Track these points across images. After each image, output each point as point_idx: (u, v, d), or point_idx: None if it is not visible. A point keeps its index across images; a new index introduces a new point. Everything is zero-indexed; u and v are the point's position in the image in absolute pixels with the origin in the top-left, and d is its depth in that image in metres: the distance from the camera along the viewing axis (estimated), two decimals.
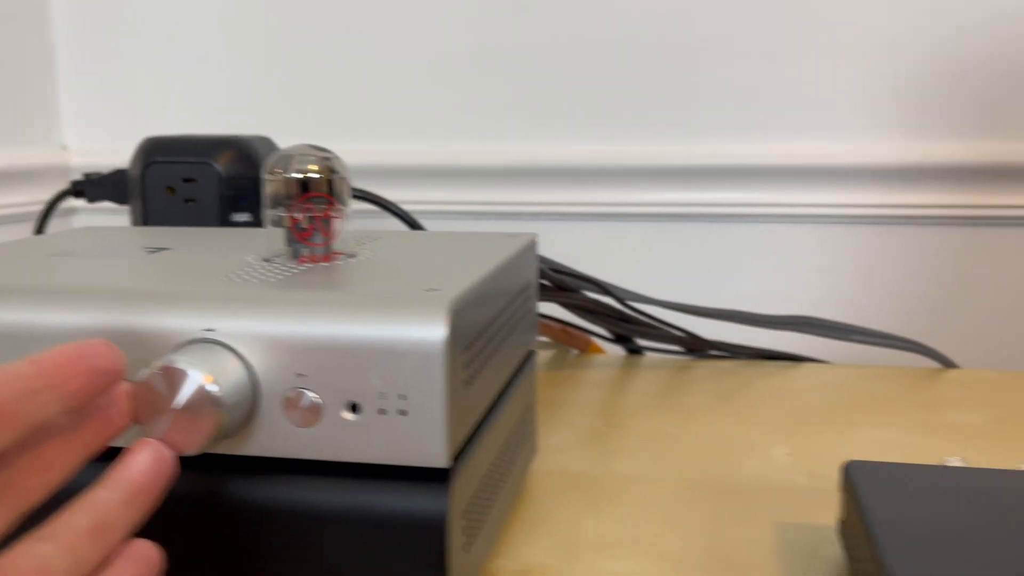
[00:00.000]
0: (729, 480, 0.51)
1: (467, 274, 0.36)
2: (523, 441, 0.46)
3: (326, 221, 0.39)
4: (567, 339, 0.80)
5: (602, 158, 0.90)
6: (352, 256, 0.41)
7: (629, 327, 0.76)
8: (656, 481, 0.51)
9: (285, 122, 0.96)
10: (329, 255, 0.40)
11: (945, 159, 0.84)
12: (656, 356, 0.81)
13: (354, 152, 0.61)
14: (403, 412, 0.30)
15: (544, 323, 0.78)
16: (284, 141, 0.59)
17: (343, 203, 0.40)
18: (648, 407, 0.65)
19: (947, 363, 0.75)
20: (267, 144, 0.70)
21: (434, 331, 0.29)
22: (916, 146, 0.84)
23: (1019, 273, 0.86)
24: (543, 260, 0.69)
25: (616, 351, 0.83)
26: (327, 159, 0.39)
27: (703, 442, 0.57)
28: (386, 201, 0.71)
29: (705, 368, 0.75)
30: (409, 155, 0.94)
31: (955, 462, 0.45)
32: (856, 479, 0.38)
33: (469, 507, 0.34)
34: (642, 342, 0.81)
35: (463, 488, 0.32)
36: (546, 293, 0.71)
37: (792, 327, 0.75)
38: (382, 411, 0.30)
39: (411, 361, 0.29)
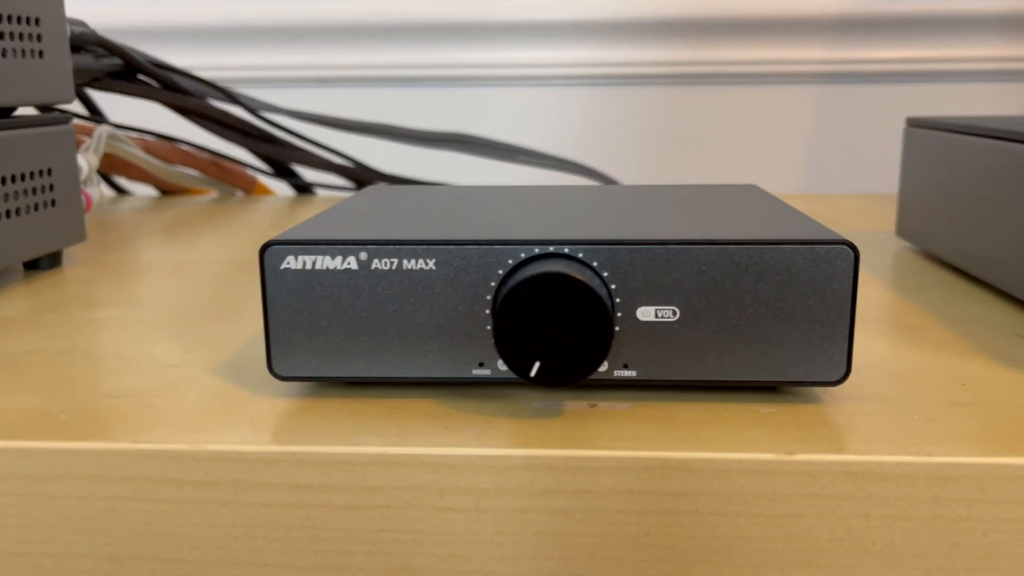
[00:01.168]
0: None
1: None
2: None
3: None
4: (222, 175, 0.68)
5: (307, 17, 0.79)
6: None
7: (280, 150, 0.65)
8: None
9: None
10: None
11: (656, 13, 0.75)
12: (328, 194, 0.70)
13: None
14: None
15: (189, 153, 0.66)
16: None
17: None
18: None
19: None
20: None
21: None
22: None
23: (722, 126, 0.78)
24: (135, 52, 0.57)
25: (286, 191, 0.71)
26: None
27: None
28: None
29: None
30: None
31: None
32: None
33: None
34: (308, 175, 0.69)
35: None
36: (149, 91, 0.59)
37: (453, 145, 0.64)
38: None
39: None
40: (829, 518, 0.22)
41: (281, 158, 0.66)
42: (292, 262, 0.24)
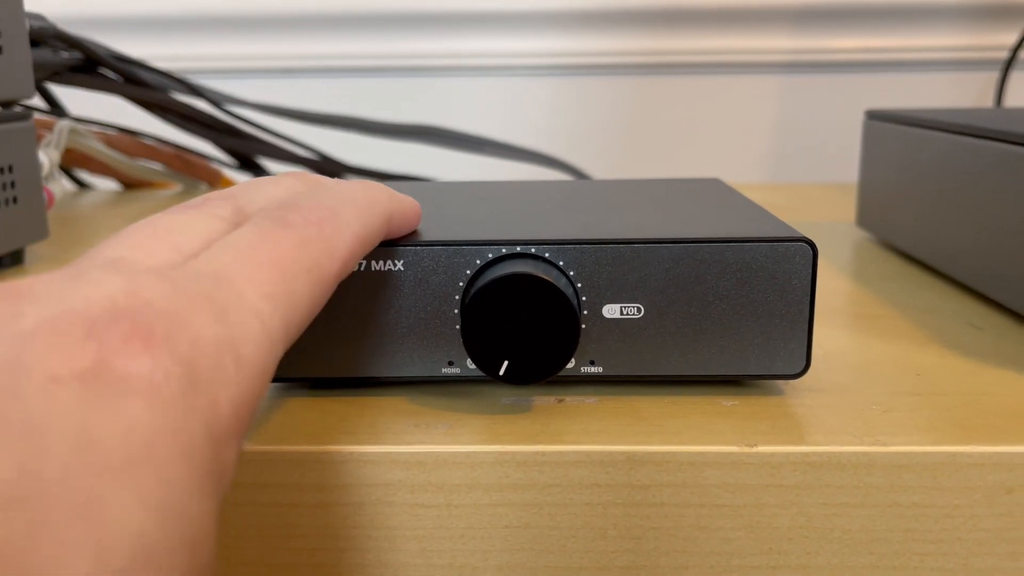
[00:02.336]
0: None
1: None
2: None
3: None
4: (186, 168, 0.67)
5: (271, 6, 0.78)
6: None
7: (245, 143, 0.65)
8: None
9: None
10: None
11: (619, 3, 0.75)
12: None
13: None
14: None
15: (152, 146, 0.66)
16: None
17: None
18: None
19: (585, 178, 0.66)
20: None
21: None
22: None
23: (685, 116, 0.79)
24: (95, 45, 0.57)
25: None
26: None
27: None
28: None
29: None
30: None
31: None
32: None
33: None
34: (273, 168, 0.69)
35: None
36: (110, 85, 0.58)
37: (419, 137, 0.64)
38: None
39: None
40: (790, 507, 0.22)
41: (246, 151, 0.65)
42: None
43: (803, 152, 0.82)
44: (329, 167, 0.66)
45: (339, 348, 0.25)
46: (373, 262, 0.24)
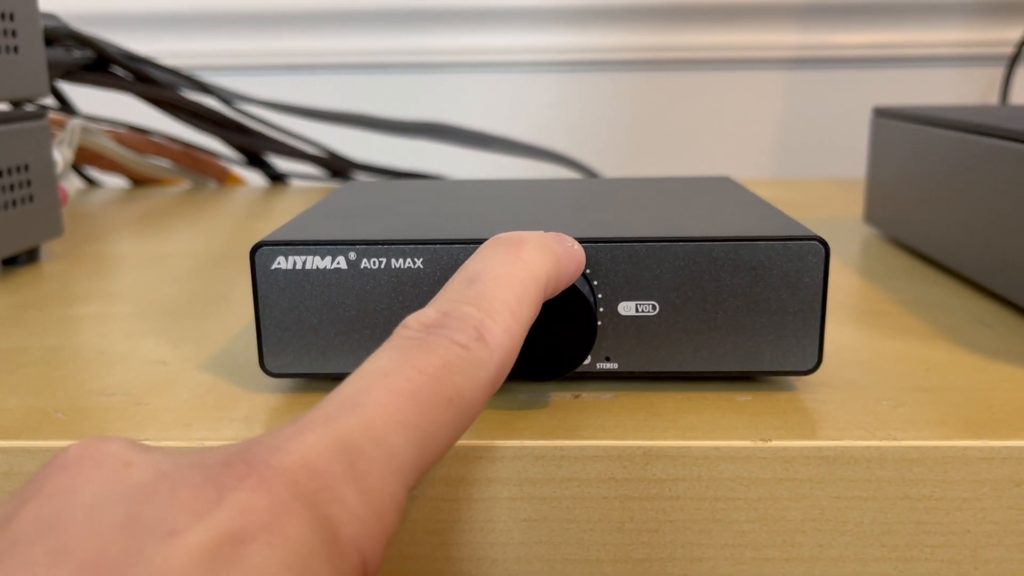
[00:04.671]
0: None
1: None
2: None
3: None
4: (195, 165, 0.68)
5: (278, 3, 0.78)
6: None
7: (253, 141, 0.65)
8: None
9: None
10: None
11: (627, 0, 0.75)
12: (301, 184, 0.70)
13: None
14: None
15: (161, 144, 0.66)
16: None
17: None
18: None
19: (593, 175, 0.66)
20: None
21: None
22: None
23: (692, 112, 0.79)
24: (107, 44, 0.57)
25: (259, 180, 0.71)
26: None
27: None
28: None
29: None
30: None
31: None
32: None
33: None
34: (281, 165, 0.69)
35: None
36: (121, 83, 0.58)
37: (426, 134, 0.64)
38: None
39: None
40: (803, 500, 0.23)
41: (254, 148, 0.66)
42: (283, 262, 0.25)
43: (810, 148, 0.83)
44: (337, 164, 0.67)
45: (358, 344, 0.25)
46: (394, 260, 0.25)
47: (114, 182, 0.70)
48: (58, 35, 0.52)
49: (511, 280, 0.20)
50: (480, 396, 0.18)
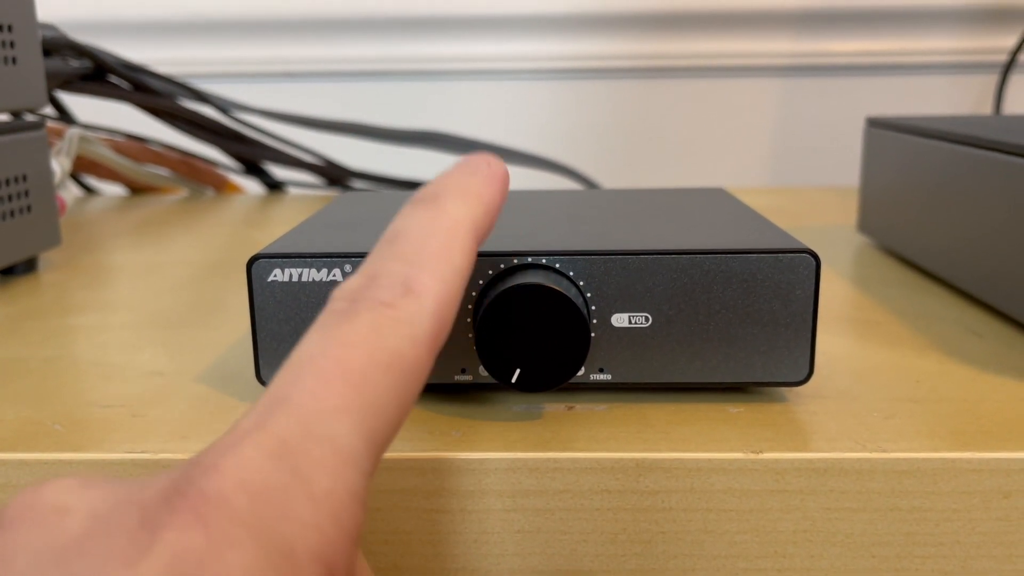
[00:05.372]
0: None
1: None
2: None
3: None
4: (193, 173, 0.68)
5: (275, 11, 0.78)
6: None
7: (251, 149, 0.65)
8: None
9: None
10: None
11: (621, 7, 0.76)
12: (299, 192, 0.70)
13: None
14: None
15: (159, 152, 0.66)
16: None
17: None
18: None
19: (591, 184, 0.66)
20: None
21: None
22: None
23: (687, 119, 0.79)
24: (105, 54, 0.57)
25: (256, 189, 0.72)
26: None
27: None
28: None
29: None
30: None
31: None
32: None
33: None
34: (278, 173, 0.70)
35: None
36: (119, 93, 0.59)
37: (422, 143, 0.65)
38: None
39: None
40: (794, 512, 0.23)
41: (252, 156, 0.66)
42: (279, 275, 0.25)
43: (804, 155, 0.83)
44: (334, 172, 0.67)
45: None
46: None
47: (112, 190, 0.70)
48: (56, 45, 0.52)
49: (435, 229, 0.18)
50: (423, 353, 0.16)
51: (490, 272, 0.25)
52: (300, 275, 0.25)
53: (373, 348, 0.15)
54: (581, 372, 0.25)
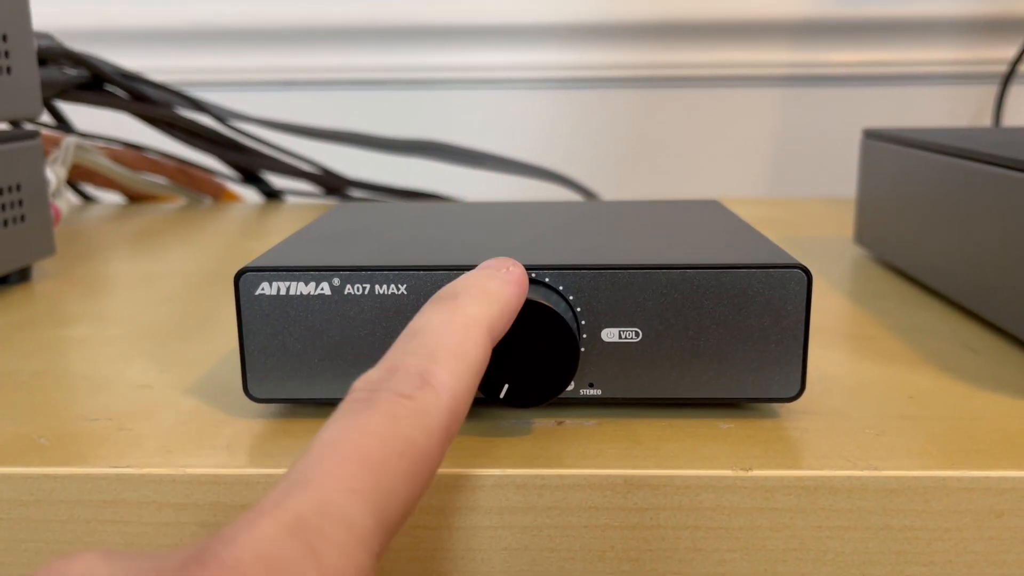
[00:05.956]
0: None
1: None
2: None
3: None
4: (190, 182, 0.68)
5: (272, 19, 0.79)
6: None
7: (248, 158, 0.65)
8: None
9: None
10: None
11: (620, 17, 0.76)
12: (297, 201, 0.70)
13: None
14: None
15: (156, 161, 0.66)
16: None
17: None
18: None
19: (588, 193, 0.66)
20: None
21: None
22: (592, 3, 0.76)
23: (685, 129, 0.79)
24: (102, 62, 0.57)
25: (254, 197, 0.72)
26: None
27: None
28: None
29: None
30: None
31: None
32: None
33: None
34: (276, 182, 0.70)
35: None
36: (117, 102, 0.59)
37: (420, 152, 0.65)
38: None
39: None
40: (783, 530, 0.23)
41: (249, 165, 0.66)
42: (267, 288, 0.25)
43: (801, 165, 0.83)
44: (331, 181, 0.67)
45: (342, 370, 0.25)
46: (377, 286, 0.25)
47: (110, 198, 0.70)
48: (52, 55, 0.52)
49: (451, 327, 0.20)
50: (435, 443, 0.17)
51: None
52: (288, 288, 0.25)
53: (389, 435, 0.17)
54: (571, 387, 0.25)
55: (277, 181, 0.70)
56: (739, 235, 0.29)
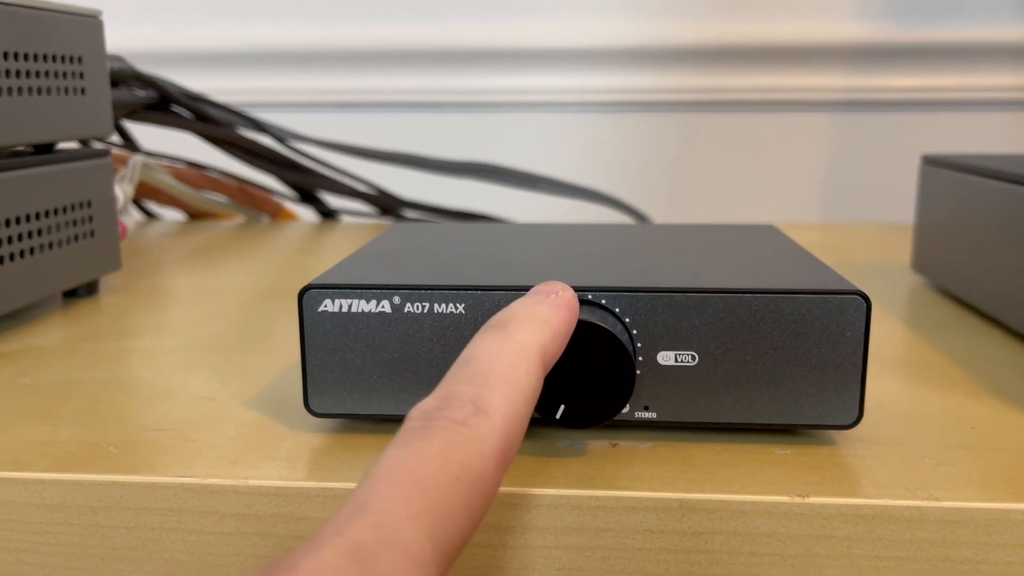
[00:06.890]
0: None
1: None
2: None
3: None
4: (249, 200, 0.70)
5: (330, 43, 0.80)
6: None
7: (305, 178, 0.67)
8: None
9: None
10: None
11: (673, 41, 0.76)
12: (352, 220, 0.71)
13: None
14: None
15: (217, 179, 0.68)
16: None
17: None
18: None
19: (641, 216, 0.66)
20: None
21: None
22: (646, 28, 0.76)
23: (738, 153, 0.79)
24: (169, 84, 0.59)
25: (311, 216, 0.73)
26: None
27: None
28: None
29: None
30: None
31: None
32: None
33: None
34: (332, 201, 0.71)
35: None
36: (182, 122, 0.60)
37: (473, 174, 0.65)
38: None
39: None
40: (840, 559, 0.23)
41: (307, 185, 0.68)
42: (329, 305, 0.25)
43: (857, 191, 0.82)
44: (386, 201, 0.68)
45: (401, 387, 0.26)
46: (437, 305, 0.25)
47: (172, 215, 0.72)
48: (123, 76, 0.54)
49: (503, 354, 0.20)
50: (490, 468, 0.18)
51: None
52: (350, 306, 0.25)
53: (445, 461, 0.17)
54: (626, 409, 0.25)
55: (333, 201, 0.71)
56: (796, 260, 0.29)
